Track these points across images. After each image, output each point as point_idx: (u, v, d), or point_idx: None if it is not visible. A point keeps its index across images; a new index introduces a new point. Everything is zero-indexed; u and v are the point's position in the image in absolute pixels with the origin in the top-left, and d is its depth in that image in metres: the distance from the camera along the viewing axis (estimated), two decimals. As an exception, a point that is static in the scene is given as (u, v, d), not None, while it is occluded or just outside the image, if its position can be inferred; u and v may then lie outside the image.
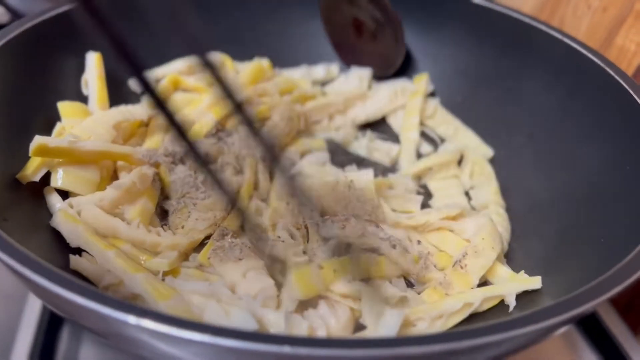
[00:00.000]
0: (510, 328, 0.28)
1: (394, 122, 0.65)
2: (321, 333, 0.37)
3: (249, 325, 0.36)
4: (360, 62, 0.66)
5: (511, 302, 0.43)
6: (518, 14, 0.59)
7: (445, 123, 0.63)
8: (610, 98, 0.50)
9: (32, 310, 0.49)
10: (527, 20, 0.58)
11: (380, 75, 0.65)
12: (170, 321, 0.26)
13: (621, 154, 0.46)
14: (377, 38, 0.62)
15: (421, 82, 0.65)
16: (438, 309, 0.41)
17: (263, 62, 0.64)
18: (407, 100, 0.64)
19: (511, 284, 0.44)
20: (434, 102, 0.65)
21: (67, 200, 0.45)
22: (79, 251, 0.43)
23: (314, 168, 0.55)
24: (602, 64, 0.51)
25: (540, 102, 0.57)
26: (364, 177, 0.52)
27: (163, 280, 0.41)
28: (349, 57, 0.68)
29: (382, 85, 0.67)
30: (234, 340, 0.26)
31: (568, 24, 0.65)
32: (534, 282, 0.43)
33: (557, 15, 0.67)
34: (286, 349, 0.25)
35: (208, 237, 0.47)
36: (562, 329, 0.33)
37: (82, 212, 0.44)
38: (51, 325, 0.49)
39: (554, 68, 0.56)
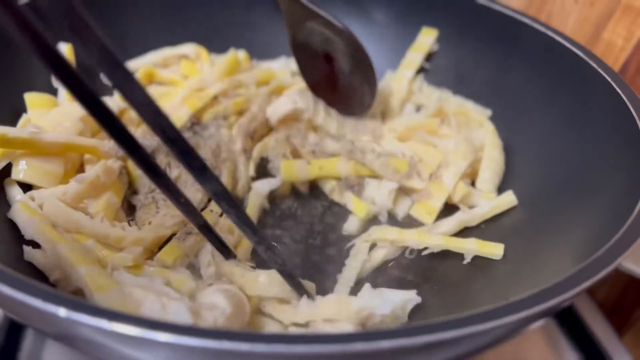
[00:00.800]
0: (471, 323, 0.26)
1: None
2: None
3: (184, 319, 0.34)
4: (335, 101, 0.59)
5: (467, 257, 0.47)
6: (502, 7, 0.57)
7: (435, 94, 0.62)
8: (594, 92, 0.48)
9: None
10: (510, 13, 0.57)
11: (355, 115, 0.59)
12: (102, 314, 0.24)
13: (604, 149, 0.45)
14: (349, 76, 0.57)
15: (427, 38, 0.62)
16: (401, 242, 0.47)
17: (239, 54, 0.62)
18: (407, 52, 0.63)
19: (472, 246, 0.46)
20: (420, 78, 0.63)
21: (29, 193, 0.44)
22: (36, 245, 0.41)
23: None
24: (585, 57, 0.50)
25: (523, 96, 0.55)
26: None
27: (112, 274, 0.39)
28: (324, 96, 0.60)
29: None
30: (170, 335, 0.24)
31: (555, 19, 0.64)
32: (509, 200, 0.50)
33: (545, 10, 0.66)
34: (225, 345, 0.23)
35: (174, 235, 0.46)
36: (534, 325, 0.32)
37: (44, 205, 0.43)
38: (14, 326, 0.47)
39: (537, 62, 0.55)
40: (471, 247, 0.46)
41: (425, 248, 0.47)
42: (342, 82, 0.58)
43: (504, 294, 0.40)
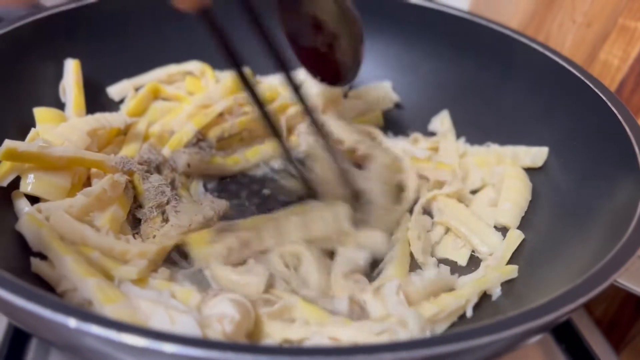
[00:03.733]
0: (469, 337, 0.27)
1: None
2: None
3: (193, 331, 0.34)
4: (318, 68, 0.59)
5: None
6: (500, 27, 0.59)
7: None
8: (591, 111, 0.49)
9: (-1, 320, 0.48)
10: (508, 33, 0.58)
11: (335, 85, 0.59)
12: (111, 324, 0.25)
13: (600, 168, 0.46)
14: (335, 43, 0.55)
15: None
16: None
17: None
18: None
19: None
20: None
21: (36, 205, 0.45)
22: (43, 257, 0.42)
23: None
24: (582, 77, 0.51)
25: (520, 115, 0.56)
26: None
27: (118, 286, 0.40)
28: (307, 61, 0.60)
29: (367, 88, 0.66)
30: (177, 346, 0.25)
31: (553, 39, 0.65)
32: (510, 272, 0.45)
33: (543, 31, 0.67)
34: (229, 356, 0.24)
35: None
36: (532, 339, 0.32)
37: (50, 217, 0.43)
38: (18, 335, 0.48)
39: (535, 81, 0.56)
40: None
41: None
42: (328, 49, 0.56)
43: (503, 312, 0.41)
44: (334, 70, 0.57)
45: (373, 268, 0.46)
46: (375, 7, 0.64)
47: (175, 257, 0.46)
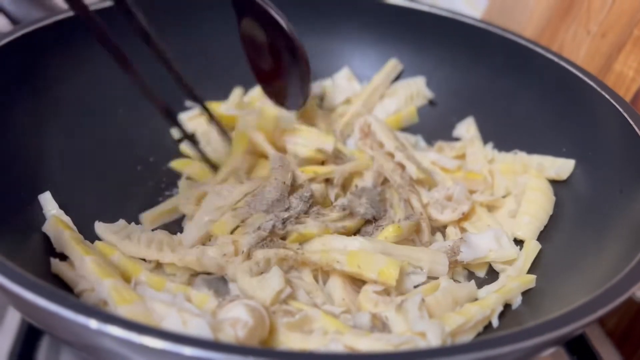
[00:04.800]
0: (484, 348, 0.27)
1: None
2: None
3: (205, 334, 0.34)
4: (273, 93, 0.61)
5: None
6: (515, 37, 0.59)
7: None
8: (605, 122, 0.49)
9: (11, 319, 0.48)
10: (524, 42, 0.58)
11: (290, 109, 0.60)
12: (132, 326, 0.25)
13: (615, 178, 0.45)
14: (289, 70, 0.57)
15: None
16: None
17: None
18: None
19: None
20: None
21: None
22: (62, 259, 0.42)
23: None
24: (597, 87, 0.51)
25: (533, 125, 0.56)
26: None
27: (134, 288, 0.40)
28: (265, 86, 0.62)
29: (396, 85, 0.67)
30: (196, 349, 0.25)
31: (567, 49, 0.65)
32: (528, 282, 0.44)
33: (557, 41, 0.67)
34: (250, 360, 0.24)
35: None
36: (546, 352, 0.32)
37: None
38: (30, 335, 0.48)
39: (548, 90, 0.56)
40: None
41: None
42: (281, 75, 0.58)
43: (519, 322, 0.40)
44: (283, 96, 0.60)
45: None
46: (389, 14, 0.65)
47: None
